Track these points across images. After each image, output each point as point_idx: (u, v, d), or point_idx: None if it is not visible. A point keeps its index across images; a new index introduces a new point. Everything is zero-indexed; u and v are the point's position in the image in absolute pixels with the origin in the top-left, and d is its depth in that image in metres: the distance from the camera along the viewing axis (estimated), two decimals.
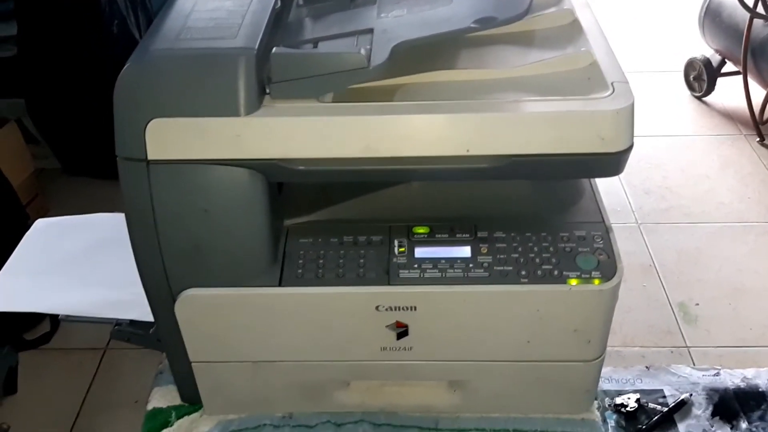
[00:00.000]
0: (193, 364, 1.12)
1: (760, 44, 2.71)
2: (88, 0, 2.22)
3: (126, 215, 0.98)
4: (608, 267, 1.01)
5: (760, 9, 2.64)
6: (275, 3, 1.03)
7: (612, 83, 0.94)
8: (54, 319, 2.05)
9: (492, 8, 0.96)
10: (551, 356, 1.08)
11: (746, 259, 2.25)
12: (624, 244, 1.01)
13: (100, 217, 1.41)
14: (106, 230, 1.36)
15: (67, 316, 1.22)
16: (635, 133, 0.93)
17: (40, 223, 1.41)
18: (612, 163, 0.93)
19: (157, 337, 1.16)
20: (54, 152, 2.63)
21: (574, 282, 1.00)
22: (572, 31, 1.08)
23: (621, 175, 0.97)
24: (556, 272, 1.00)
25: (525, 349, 1.07)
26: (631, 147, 0.93)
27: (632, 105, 0.91)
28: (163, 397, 1.22)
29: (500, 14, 0.94)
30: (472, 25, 0.93)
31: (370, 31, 1.00)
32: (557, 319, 1.03)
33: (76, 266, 1.31)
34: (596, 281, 1.00)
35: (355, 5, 1.11)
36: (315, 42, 1.02)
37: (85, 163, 2.61)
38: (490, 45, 1.05)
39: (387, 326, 1.04)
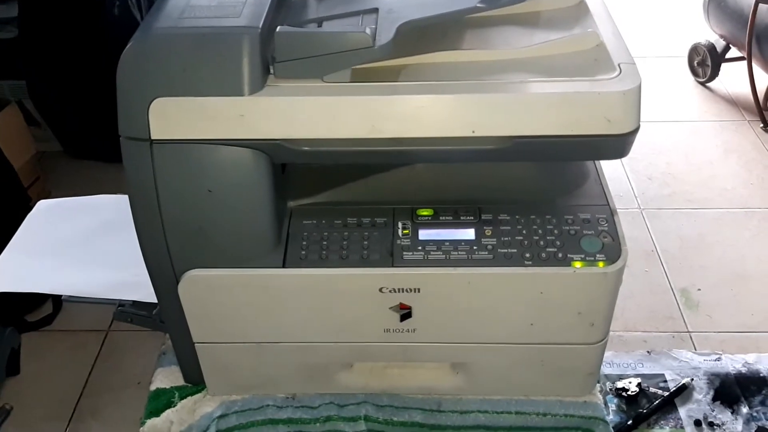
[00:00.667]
0: (196, 345, 1.12)
1: (765, 30, 2.70)
2: None
3: (129, 195, 0.98)
4: (613, 250, 1.00)
5: None
6: None
7: (619, 64, 0.93)
8: (56, 301, 2.06)
9: None
10: (555, 339, 1.08)
11: (749, 245, 2.26)
12: (627, 229, 1.01)
13: (102, 199, 1.41)
14: (108, 212, 1.36)
15: (70, 296, 1.22)
16: None
17: (42, 204, 1.41)
18: (618, 145, 0.93)
19: (160, 318, 1.16)
20: (55, 134, 2.63)
21: (578, 264, 1.00)
22: (579, 11, 1.07)
23: (624, 161, 0.97)
24: (560, 255, 1.00)
25: (528, 331, 1.07)
26: (637, 129, 0.92)
27: (639, 86, 0.90)
28: (167, 377, 1.22)
29: None
30: (478, 5, 0.93)
31: (375, 10, 0.99)
32: (561, 302, 1.03)
33: (79, 247, 1.30)
34: (601, 264, 1.00)
35: None
36: (319, 21, 1.01)
37: (86, 146, 2.60)
38: (496, 25, 1.04)
39: (390, 308, 1.04)
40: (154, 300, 1.12)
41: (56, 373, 1.92)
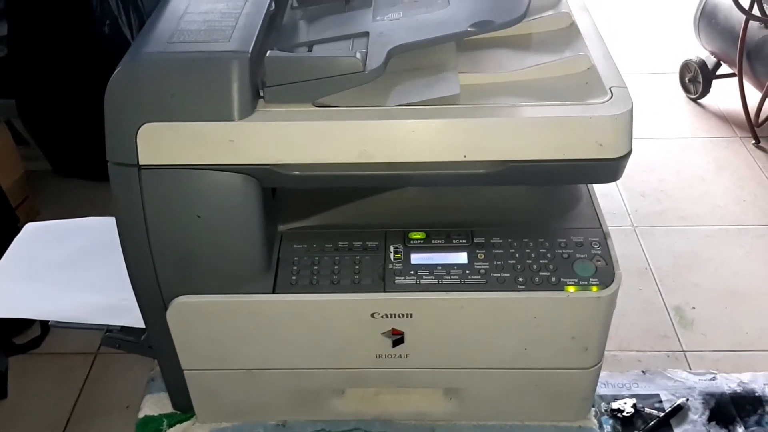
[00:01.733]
0: (185, 371, 1.10)
1: (755, 46, 2.71)
2: (79, 1, 2.19)
3: (117, 221, 0.97)
4: (606, 274, 1.00)
5: (755, 11, 2.64)
6: (269, 5, 1.01)
7: (610, 88, 0.93)
8: (44, 324, 2.03)
9: (489, 12, 0.94)
10: (548, 364, 1.07)
11: (742, 262, 2.25)
12: (620, 247, 1.00)
13: (90, 221, 1.39)
14: (97, 235, 1.34)
15: (57, 322, 1.20)
16: None
17: (29, 227, 1.39)
18: (610, 169, 0.92)
19: (149, 344, 1.14)
20: (44, 154, 2.61)
21: (571, 289, 0.99)
22: (570, 34, 1.07)
23: None
24: (553, 279, 0.99)
25: (522, 356, 1.06)
26: (629, 153, 0.92)
27: (631, 110, 0.90)
28: (155, 404, 1.20)
29: (497, 18, 0.92)
30: (469, 29, 0.92)
31: (366, 34, 0.98)
32: (555, 327, 1.02)
33: (67, 271, 1.29)
34: (594, 288, 0.99)
35: (350, 8, 1.09)
36: (310, 45, 1.00)
37: (75, 165, 2.59)
38: (487, 48, 1.04)
39: (383, 333, 1.03)
40: (143, 325, 1.10)
41: (44, 397, 1.89)
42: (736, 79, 2.83)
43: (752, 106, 2.80)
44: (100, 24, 2.25)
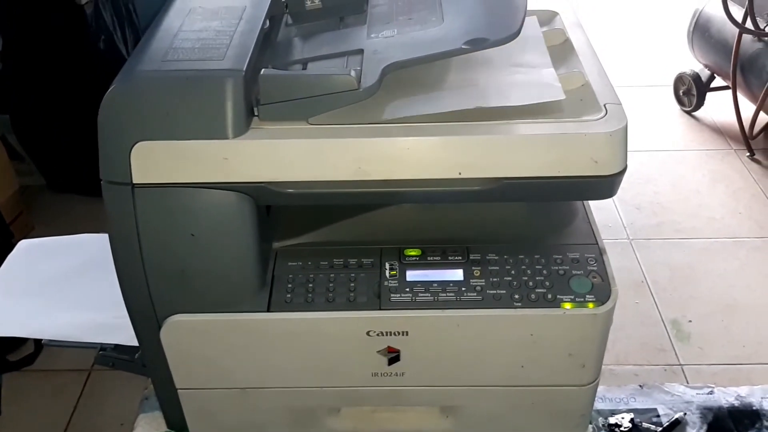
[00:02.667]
0: (179, 390, 1.09)
1: (748, 59, 2.73)
2: (73, 16, 2.20)
3: (110, 239, 0.96)
4: (602, 290, 0.99)
5: (748, 24, 2.66)
6: (264, 23, 1.01)
7: (605, 105, 0.93)
8: (38, 341, 2.01)
9: (483, 29, 0.94)
10: (545, 381, 1.07)
11: (738, 275, 2.25)
12: (616, 260, 1.00)
13: (84, 238, 1.38)
14: (90, 252, 1.33)
15: (51, 340, 1.19)
16: None
17: (23, 245, 1.38)
18: (605, 186, 0.92)
19: (143, 363, 1.13)
20: (39, 169, 2.60)
21: (568, 306, 0.98)
22: (564, 50, 1.07)
23: None
24: (549, 296, 0.99)
25: (519, 373, 1.05)
26: (624, 170, 0.92)
27: (625, 127, 0.90)
28: (149, 424, 1.19)
29: (491, 36, 0.92)
30: (464, 47, 0.92)
31: (360, 51, 0.98)
32: (551, 344, 1.02)
33: (60, 289, 1.28)
34: (590, 305, 0.98)
35: (345, 25, 1.09)
36: (304, 63, 1.00)
37: (70, 180, 2.58)
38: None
39: (378, 351, 1.02)
40: (137, 343, 1.09)
41: (38, 414, 1.87)
42: (730, 92, 2.85)
43: (746, 119, 2.81)
44: (95, 39, 2.25)
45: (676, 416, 1.75)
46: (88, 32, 2.23)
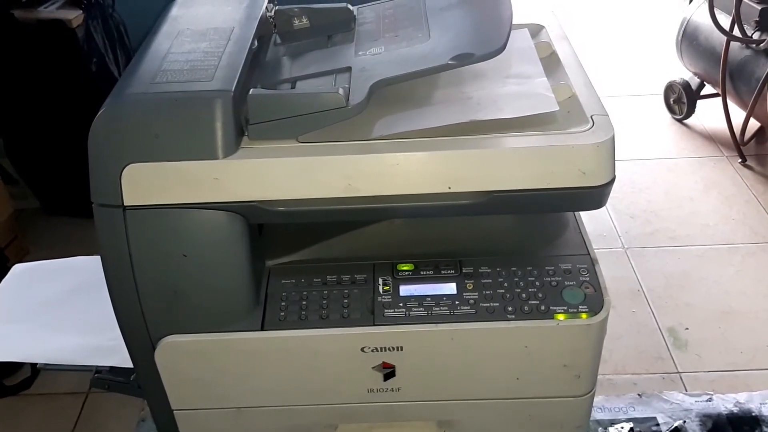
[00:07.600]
0: (175, 411, 1.09)
1: (737, 66, 2.74)
2: (66, 38, 2.20)
3: (103, 263, 0.96)
4: (595, 301, 1.00)
5: (736, 32, 2.68)
6: (252, 43, 1.02)
7: (591, 116, 0.94)
8: (34, 364, 2.01)
9: (469, 45, 0.95)
10: (541, 393, 1.07)
11: (733, 281, 2.25)
12: (611, 269, 1.00)
13: (78, 261, 1.38)
14: (84, 274, 1.33)
15: (46, 364, 1.19)
16: (618, 158, 0.92)
17: (17, 269, 1.38)
18: (594, 196, 0.93)
19: (138, 384, 1.13)
20: (33, 192, 2.60)
21: (561, 317, 0.98)
22: (550, 63, 1.08)
23: None
24: (543, 307, 0.99)
25: (514, 386, 1.05)
26: (612, 180, 0.92)
27: (612, 138, 0.90)
28: None
29: (478, 51, 0.93)
30: (450, 62, 0.93)
31: (348, 69, 0.99)
32: (546, 355, 1.02)
33: (54, 312, 1.28)
34: (584, 315, 0.99)
35: (333, 44, 1.10)
36: (293, 82, 1.01)
37: (65, 203, 2.57)
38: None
39: (373, 367, 1.02)
40: (132, 365, 1.09)
41: None
42: (720, 99, 2.86)
43: (737, 125, 2.82)
44: (87, 61, 2.26)
45: (676, 424, 1.74)
46: (80, 55, 2.24)
